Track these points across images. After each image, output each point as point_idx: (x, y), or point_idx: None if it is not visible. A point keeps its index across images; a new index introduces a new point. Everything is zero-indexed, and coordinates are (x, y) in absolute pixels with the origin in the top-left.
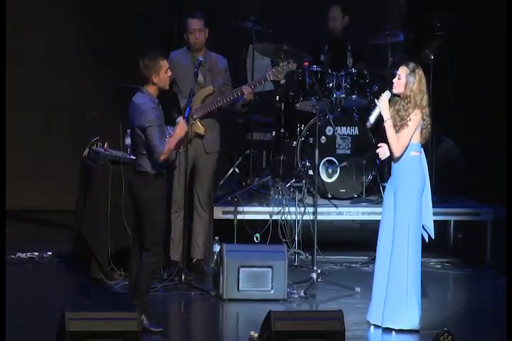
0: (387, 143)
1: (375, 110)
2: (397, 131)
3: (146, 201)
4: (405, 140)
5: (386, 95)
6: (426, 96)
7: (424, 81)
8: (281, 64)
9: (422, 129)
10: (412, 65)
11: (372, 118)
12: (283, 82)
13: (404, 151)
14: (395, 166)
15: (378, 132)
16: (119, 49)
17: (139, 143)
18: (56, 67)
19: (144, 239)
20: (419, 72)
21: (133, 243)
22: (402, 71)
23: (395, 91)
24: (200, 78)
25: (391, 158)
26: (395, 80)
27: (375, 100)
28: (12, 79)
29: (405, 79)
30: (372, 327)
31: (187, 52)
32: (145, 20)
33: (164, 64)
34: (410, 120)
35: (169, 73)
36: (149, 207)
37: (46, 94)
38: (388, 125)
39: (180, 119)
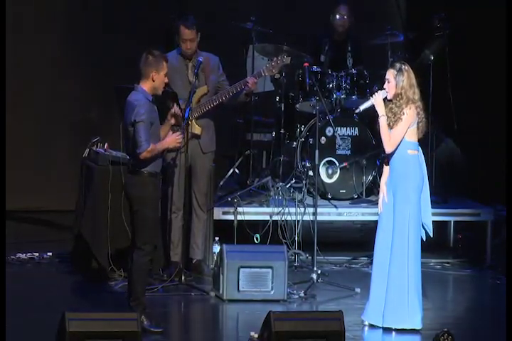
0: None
1: (367, 101)
2: (391, 128)
3: (137, 199)
4: (398, 137)
5: (382, 93)
6: (417, 90)
7: (412, 75)
8: (274, 59)
9: (418, 124)
10: (397, 64)
11: (362, 107)
12: (277, 76)
13: (396, 148)
14: (392, 165)
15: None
16: (119, 49)
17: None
18: (56, 67)
19: (136, 237)
20: (406, 68)
21: (131, 244)
22: (390, 74)
23: (388, 96)
24: (192, 79)
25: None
26: (385, 86)
27: (371, 97)
28: (12, 79)
29: (394, 80)
30: (369, 328)
31: (178, 55)
32: (145, 20)
33: (165, 66)
34: (404, 114)
35: (166, 79)
36: (140, 205)
37: (46, 94)
38: (382, 121)
39: (172, 134)
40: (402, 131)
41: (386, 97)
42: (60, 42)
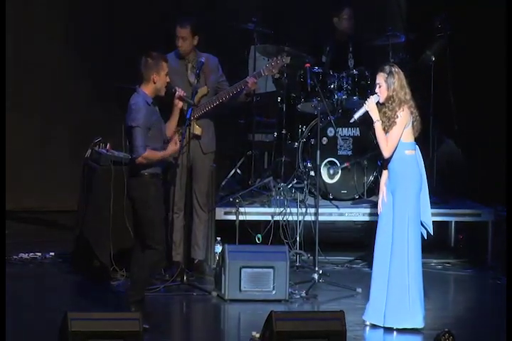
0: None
1: (361, 109)
2: (387, 132)
3: (140, 200)
4: (394, 140)
5: (374, 98)
6: (408, 90)
7: (402, 76)
8: (274, 58)
9: (413, 123)
10: (386, 67)
11: (356, 115)
12: (277, 76)
13: (394, 152)
14: (391, 166)
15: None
16: (119, 49)
17: None
18: (56, 67)
19: (147, 238)
20: (396, 70)
21: (134, 244)
22: (380, 77)
23: (381, 100)
24: (191, 79)
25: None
26: (377, 90)
27: (364, 103)
28: (12, 79)
29: (385, 84)
30: (370, 328)
31: (176, 56)
32: (145, 20)
33: (165, 66)
34: (398, 117)
35: (168, 79)
36: (143, 206)
37: (46, 94)
38: (377, 126)
39: (174, 143)
40: (397, 134)
41: (378, 101)
42: (60, 43)
